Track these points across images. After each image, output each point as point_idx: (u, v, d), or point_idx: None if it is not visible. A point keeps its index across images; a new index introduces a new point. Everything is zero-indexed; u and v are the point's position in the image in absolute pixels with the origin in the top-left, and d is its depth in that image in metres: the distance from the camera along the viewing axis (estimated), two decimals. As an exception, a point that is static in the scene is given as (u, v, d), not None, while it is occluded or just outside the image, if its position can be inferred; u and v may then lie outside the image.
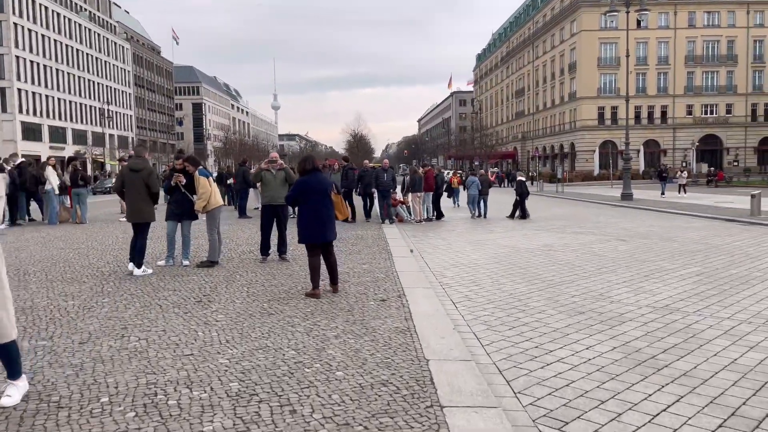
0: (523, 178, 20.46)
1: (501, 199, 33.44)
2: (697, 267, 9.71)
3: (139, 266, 8.63)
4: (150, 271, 8.76)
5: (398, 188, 19.98)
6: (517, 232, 15.52)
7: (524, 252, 11.67)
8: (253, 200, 20.28)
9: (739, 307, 6.92)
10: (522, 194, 19.41)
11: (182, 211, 9.48)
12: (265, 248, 9.93)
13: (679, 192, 31.43)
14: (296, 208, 8.01)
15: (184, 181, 9.38)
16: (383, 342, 5.21)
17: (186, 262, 9.52)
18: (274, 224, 9.92)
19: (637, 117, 66.48)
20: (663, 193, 29.69)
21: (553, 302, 7.24)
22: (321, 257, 7.08)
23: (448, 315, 6.40)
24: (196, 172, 9.43)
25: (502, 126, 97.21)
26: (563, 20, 70.30)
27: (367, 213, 17.83)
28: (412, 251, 11.41)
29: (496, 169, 63.78)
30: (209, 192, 9.40)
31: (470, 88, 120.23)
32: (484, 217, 19.90)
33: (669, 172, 33.44)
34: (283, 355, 4.86)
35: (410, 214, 18.51)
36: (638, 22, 65.29)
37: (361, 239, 13.00)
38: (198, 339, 5.33)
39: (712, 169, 50.50)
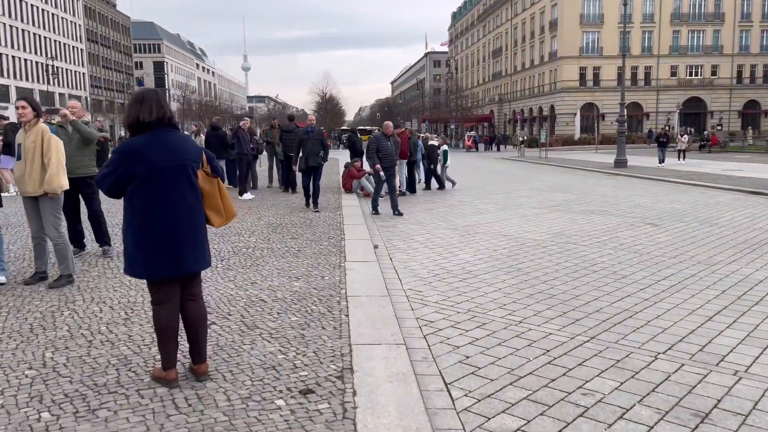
0: (435, 143, 17.04)
1: (474, 164, 30.32)
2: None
3: None
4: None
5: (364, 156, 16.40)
6: (510, 210, 12.20)
7: (533, 246, 8.33)
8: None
9: None
10: (432, 161, 16.62)
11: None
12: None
13: (679, 158, 28.48)
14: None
15: None
16: None
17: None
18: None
19: (620, 78, 63.29)
20: (662, 161, 26.63)
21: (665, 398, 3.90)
22: (176, 305, 3.58)
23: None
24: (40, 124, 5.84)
25: (479, 88, 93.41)
26: (544, -26, 66.24)
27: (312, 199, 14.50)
28: (377, 247, 8.00)
29: (472, 133, 60.28)
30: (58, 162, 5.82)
31: (445, 48, 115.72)
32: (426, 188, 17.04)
33: (670, 137, 30.26)
34: None
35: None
36: (624, -23, 62.19)
37: (309, 225, 9.53)
38: None
39: (706, 132, 47.72)
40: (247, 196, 13.26)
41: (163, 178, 3.34)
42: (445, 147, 16.92)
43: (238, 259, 7.02)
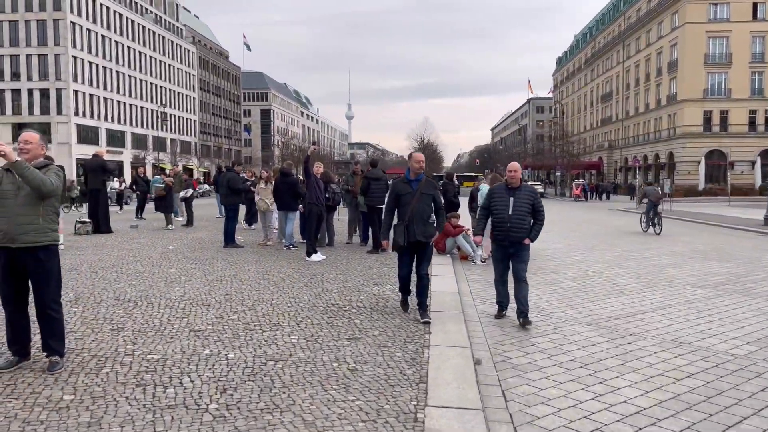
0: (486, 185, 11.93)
1: (586, 216, 25.83)
2: None
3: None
4: None
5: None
6: (662, 290, 8.79)
7: (739, 370, 5.02)
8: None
9: None
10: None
11: None
12: None
13: None
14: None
15: None
16: None
17: None
18: None
19: (752, 123, 56.79)
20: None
21: None
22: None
23: None
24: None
25: (586, 134, 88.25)
26: (662, 13, 61.43)
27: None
28: (478, 363, 5.07)
29: (581, 181, 55.68)
30: None
31: (550, 95, 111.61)
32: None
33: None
34: None
35: (475, 248, 12.08)
36: (754, 11, 56.38)
37: (381, 311, 6.73)
38: None
39: None
40: (316, 257, 10.73)
41: None
42: (482, 186, 12.56)
43: (248, 387, 4.32)
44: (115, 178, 17.22)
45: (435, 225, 6.63)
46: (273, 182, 13.50)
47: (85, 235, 14.50)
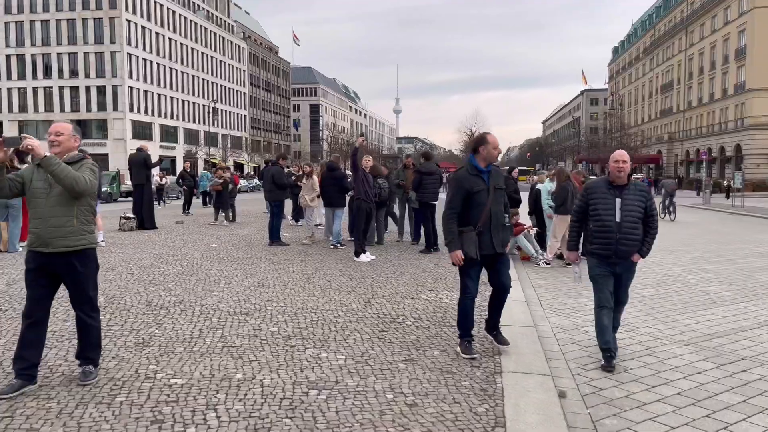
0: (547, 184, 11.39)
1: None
2: None
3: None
4: None
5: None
6: (761, 300, 7.62)
7: None
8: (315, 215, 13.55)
9: None
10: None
11: None
12: None
13: None
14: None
15: None
16: None
17: None
18: None
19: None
20: None
21: None
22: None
23: None
24: None
25: (644, 126, 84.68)
26: (729, -3, 58.08)
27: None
28: (563, 396, 4.16)
29: (641, 175, 53.19)
30: None
31: (604, 86, 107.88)
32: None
33: None
34: None
35: (537, 247, 11.05)
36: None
37: (440, 322, 5.86)
38: None
39: None
40: (365, 257, 9.95)
41: None
42: (544, 185, 11.60)
43: (285, 427, 3.54)
44: (155, 173, 16.96)
45: (509, 225, 5.11)
46: (315, 177, 12.83)
47: (129, 232, 14.16)
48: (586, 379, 4.68)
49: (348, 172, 12.32)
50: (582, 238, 5.28)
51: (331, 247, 11.64)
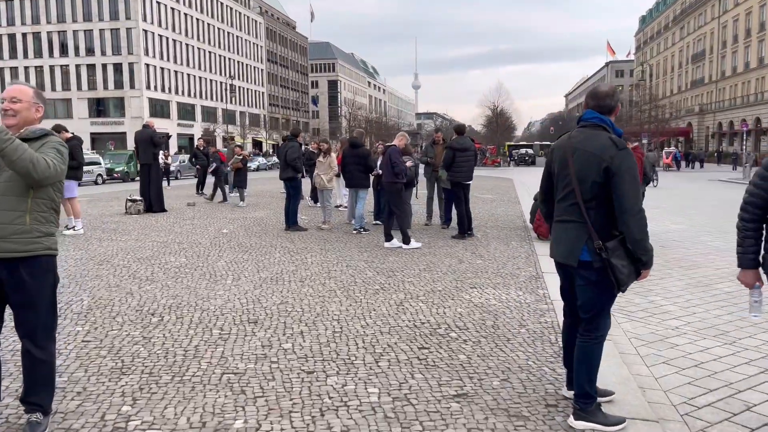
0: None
1: (685, 189, 22.01)
2: None
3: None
4: None
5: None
6: None
7: None
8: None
9: None
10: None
11: None
12: None
13: None
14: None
15: None
16: None
17: None
18: None
19: None
20: None
21: None
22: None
23: None
24: None
25: (673, 97, 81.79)
26: (768, -41, 55.05)
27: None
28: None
29: (672, 149, 51.16)
30: None
31: (630, 57, 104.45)
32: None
33: None
34: None
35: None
36: None
37: (492, 333, 4.70)
38: None
39: None
40: (414, 244, 8.95)
41: None
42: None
43: None
44: (161, 151, 15.93)
45: None
46: (333, 155, 11.67)
47: (135, 215, 13.18)
48: (705, 424, 3.50)
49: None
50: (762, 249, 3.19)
51: (354, 232, 10.53)
